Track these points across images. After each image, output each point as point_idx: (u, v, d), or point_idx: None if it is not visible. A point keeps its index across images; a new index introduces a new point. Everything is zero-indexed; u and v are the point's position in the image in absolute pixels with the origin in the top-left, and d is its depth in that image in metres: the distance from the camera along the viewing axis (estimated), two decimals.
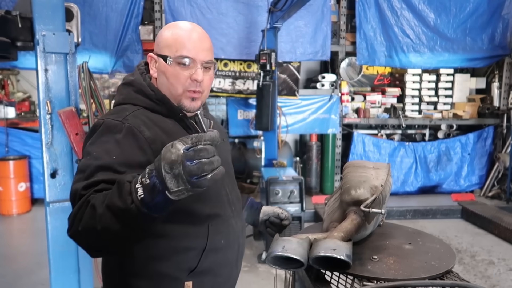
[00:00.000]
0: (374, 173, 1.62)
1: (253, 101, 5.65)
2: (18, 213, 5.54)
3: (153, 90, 1.27)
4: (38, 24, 2.02)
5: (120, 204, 0.94)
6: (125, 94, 1.31)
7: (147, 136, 1.18)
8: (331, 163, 6.11)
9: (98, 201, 1.00)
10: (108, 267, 1.30)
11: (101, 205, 0.98)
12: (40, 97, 2.08)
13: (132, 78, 1.31)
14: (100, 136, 1.19)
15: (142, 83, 1.28)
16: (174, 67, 1.23)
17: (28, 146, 5.72)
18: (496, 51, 6.04)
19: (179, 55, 1.22)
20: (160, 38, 1.27)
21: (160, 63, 1.26)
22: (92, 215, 0.99)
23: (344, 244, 1.31)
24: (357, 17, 5.83)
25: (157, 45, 1.28)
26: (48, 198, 2.11)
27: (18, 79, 6.23)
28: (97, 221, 0.98)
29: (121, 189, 0.96)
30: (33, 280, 3.66)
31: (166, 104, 1.27)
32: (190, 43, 1.23)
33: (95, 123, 1.24)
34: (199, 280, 1.26)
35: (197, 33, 1.26)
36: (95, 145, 1.17)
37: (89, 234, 1.02)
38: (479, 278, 3.78)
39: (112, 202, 0.96)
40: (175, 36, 1.24)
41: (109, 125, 1.19)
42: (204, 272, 1.26)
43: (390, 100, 6.34)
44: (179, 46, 1.22)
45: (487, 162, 6.29)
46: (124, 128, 1.18)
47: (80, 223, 1.01)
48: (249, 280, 3.69)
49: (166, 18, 5.52)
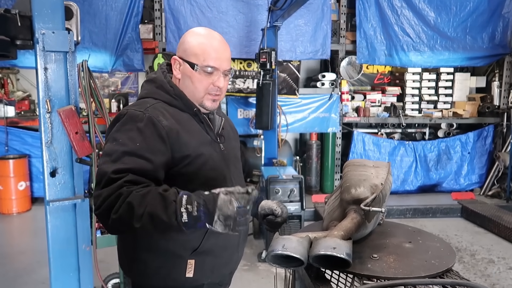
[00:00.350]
0: (374, 171, 1.62)
1: (253, 100, 5.64)
2: (18, 212, 5.54)
3: (172, 87, 1.45)
4: (37, 23, 2.01)
5: (164, 218, 1.15)
6: (148, 89, 1.48)
7: (165, 125, 1.34)
8: (331, 162, 6.11)
9: (136, 201, 1.17)
10: (124, 243, 1.49)
11: (140, 207, 1.16)
12: (40, 96, 2.07)
13: (155, 76, 1.49)
14: (124, 124, 1.34)
15: (163, 80, 1.46)
16: (200, 74, 1.42)
17: (28, 145, 5.72)
18: (497, 50, 6.03)
19: (206, 65, 1.40)
20: (187, 45, 1.43)
21: (186, 67, 1.43)
22: (130, 212, 1.16)
23: (344, 243, 1.30)
24: (357, 15, 5.82)
25: (184, 51, 1.43)
26: (48, 197, 2.10)
27: (17, 78, 6.23)
28: (135, 220, 1.16)
29: (167, 206, 1.16)
30: (34, 279, 3.66)
31: (182, 99, 1.44)
32: (216, 54, 1.41)
33: (119, 113, 1.40)
34: (201, 259, 1.41)
35: (222, 44, 1.44)
36: (120, 132, 1.33)
37: (121, 224, 1.20)
38: (479, 277, 3.78)
39: (156, 213, 1.16)
40: (203, 46, 1.41)
41: (132, 115, 1.35)
42: (205, 252, 1.41)
43: (390, 99, 6.34)
44: (206, 56, 1.40)
45: (487, 161, 6.29)
46: (145, 117, 1.33)
47: (115, 214, 1.18)
48: (249, 279, 3.70)
49: (166, 17, 5.52)
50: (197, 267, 1.41)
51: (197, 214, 1.15)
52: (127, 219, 1.17)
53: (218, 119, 1.52)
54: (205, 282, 1.45)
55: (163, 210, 1.16)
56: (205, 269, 1.43)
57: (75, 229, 2.16)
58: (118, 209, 1.18)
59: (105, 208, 1.20)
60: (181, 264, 1.39)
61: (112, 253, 1.67)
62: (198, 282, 1.44)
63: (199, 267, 1.41)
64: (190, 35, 1.45)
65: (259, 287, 3.57)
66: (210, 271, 1.45)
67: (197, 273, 1.41)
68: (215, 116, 1.52)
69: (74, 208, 2.16)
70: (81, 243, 2.20)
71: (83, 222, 2.20)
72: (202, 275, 1.43)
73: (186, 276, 1.40)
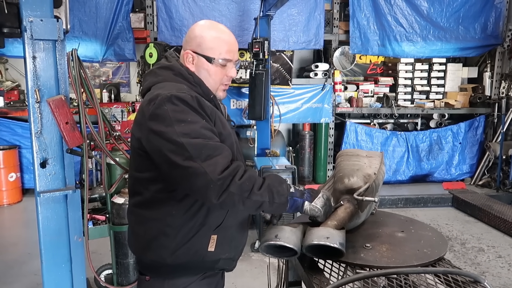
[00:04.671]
0: (367, 161, 1.62)
1: (245, 90, 5.61)
2: (9, 203, 5.49)
3: (190, 74, 1.50)
4: (25, 10, 1.97)
5: (280, 190, 1.37)
6: (165, 75, 1.50)
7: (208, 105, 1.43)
8: (323, 152, 6.12)
9: (255, 173, 1.38)
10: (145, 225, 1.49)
11: (259, 179, 1.36)
12: (29, 85, 2.03)
13: (170, 63, 1.53)
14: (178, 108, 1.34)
15: (181, 68, 1.50)
16: (216, 66, 1.51)
17: (18, 135, 5.65)
18: (489, 41, 6.05)
19: (223, 58, 1.51)
20: (201, 40, 1.50)
21: (201, 61, 1.51)
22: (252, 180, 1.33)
23: (337, 232, 1.31)
24: (351, 5, 5.78)
25: (198, 46, 1.50)
26: (39, 188, 2.08)
27: (6, 68, 6.13)
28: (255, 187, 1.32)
29: (282, 182, 1.40)
30: (25, 270, 3.64)
31: (201, 86, 1.51)
32: (230, 47, 1.52)
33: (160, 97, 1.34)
34: (222, 235, 1.50)
35: (232, 36, 1.54)
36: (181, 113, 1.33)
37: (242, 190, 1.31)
38: (469, 265, 3.84)
39: (273, 185, 1.37)
40: (218, 40, 1.50)
41: (182, 98, 1.35)
42: (227, 227, 1.50)
43: (382, 89, 6.35)
44: (222, 50, 1.50)
45: (478, 151, 6.35)
46: (194, 99, 1.38)
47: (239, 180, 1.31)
48: (242, 269, 3.71)
49: (157, 6, 5.43)
50: (218, 242, 1.49)
51: (300, 191, 1.42)
52: (248, 185, 1.31)
53: (223, 108, 1.66)
54: (223, 256, 1.53)
55: (279, 183, 1.38)
56: (224, 244, 1.51)
57: (66, 220, 2.14)
58: (242, 176, 1.32)
59: (229, 173, 1.30)
60: (205, 239, 1.47)
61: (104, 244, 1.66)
62: (217, 256, 1.51)
63: (220, 242, 1.49)
64: (201, 29, 1.52)
65: (252, 276, 3.59)
66: (228, 246, 1.54)
67: (218, 247, 1.49)
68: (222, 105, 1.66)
69: (66, 199, 2.14)
70: (72, 234, 2.18)
71: (74, 213, 2.18)
72: (222, 249, 1.51)
73: (208, 250, 1.47)
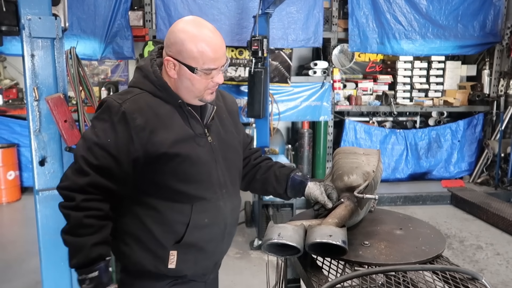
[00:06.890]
0: (365, 159, 1.62)
1: (244, 88, 5.60)
2: (8, 201, 5.48)
3: (156, 77, 1.40)
4: (23, 8, 1.97)
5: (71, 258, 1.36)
6: (136, 78, 1.46)
7: (138, 124, 1.33)
8: (322, 150, 6.13)
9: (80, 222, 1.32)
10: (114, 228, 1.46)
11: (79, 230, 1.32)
12: (27, 84, 2.03)
13: (143, 64, 1.44)
14: (102, 113, 1.37)
15: (149, 70, 1.41)
16: (200, 76, 1.36)
17: (17, 134, 5.64)
18: (487, 38, 6.04)
19: (206, 68, 1.35)
20: (182, 48, 1.34)
21: (183, 70, 1.36)
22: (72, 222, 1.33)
23: (339, 230, 1.31)
24: (350, 3, 5.77)
25: (179, 54, 1.35)
26: (38, 186, 2.08)
27: (5, 66, 6.11)
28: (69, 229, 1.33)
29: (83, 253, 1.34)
30: (24, 269, 3.64)
31: (166, 90, 1.40)
32: (215, 55, 1.35)
33: (103, 99, 1.40)
34: (183, 252, 1.41)
35: (217, 40, 1.36)
36: (98, 120, 1.37)
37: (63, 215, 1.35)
38: (467, 263, 3.85)
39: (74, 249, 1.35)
40: (201, 49, 1.33)
41: (110, 105, 1.35)
42: (188, 245, 1.41)
43: (381, 87, 6.35)
44: (205, 59, 1.34)
45: (477, 149, 6.35)
46: (120, 112, 1.33)
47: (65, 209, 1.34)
48: (241, 267, 3.72)
49: (156, 4, 5.42)
50: (180, 259, 1.41)
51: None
52: (67, 220, 1.33)
53: (210, 108, 1.44)
54: (188, 273, 1.46)
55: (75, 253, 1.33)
56: (187, 261, 1.43)
57: None
58: (71, 208, 1.32)
59: (64, 194, 1.35)
60: (164, 255, 1.40)
61: None
62: (181, 273, 1.44)
63: (181, 259, 1.41)
64: (182, 34, 1.34)
65: (252, 274, 3.59)
66: (193, 263, 1.45)
67: (179, 265, 1.41)
68: (207, 105, 1.45)
69: None
70: None
71: None
72: (184, 267, 1.43)
73: (169, 267, 1.40)
